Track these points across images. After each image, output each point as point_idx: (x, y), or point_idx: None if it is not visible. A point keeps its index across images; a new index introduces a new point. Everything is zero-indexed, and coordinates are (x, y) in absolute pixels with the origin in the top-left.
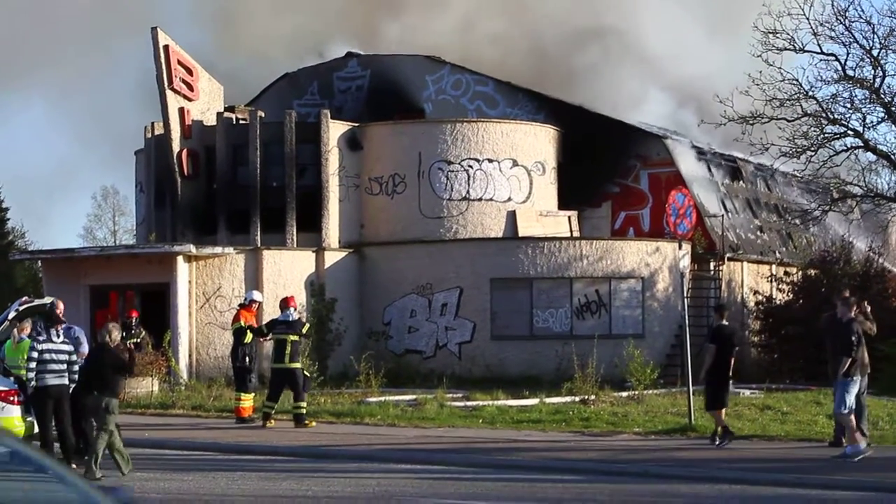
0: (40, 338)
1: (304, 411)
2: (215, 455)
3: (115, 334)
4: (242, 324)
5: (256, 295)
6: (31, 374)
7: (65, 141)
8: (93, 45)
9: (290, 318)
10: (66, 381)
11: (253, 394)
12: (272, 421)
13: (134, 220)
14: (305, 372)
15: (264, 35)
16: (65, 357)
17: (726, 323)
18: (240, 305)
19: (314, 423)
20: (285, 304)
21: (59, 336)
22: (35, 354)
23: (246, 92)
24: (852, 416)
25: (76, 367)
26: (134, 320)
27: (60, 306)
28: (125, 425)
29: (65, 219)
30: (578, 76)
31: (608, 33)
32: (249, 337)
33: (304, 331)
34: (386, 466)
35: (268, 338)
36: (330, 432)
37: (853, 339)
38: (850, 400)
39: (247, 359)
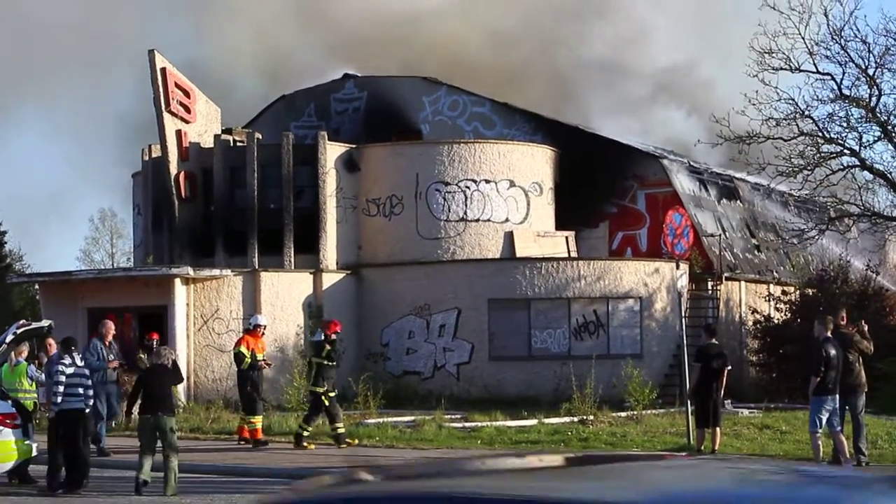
0: (66, 360)
1: (306, 433)
2: (212, 477)
3: (170, 357)
4: (242, 349)
5: (261, 319)
6: (59, 398)
7: (62, 164)
8: (91, 66)
9: (314, 339)
10: (84, 405)
11: (261, 416)
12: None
13: (131, 242)
14: (324, 399)
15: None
16: (84, 381)
17: (715, 342)
18: (245, 330)
19: (313, 446)
20: (323, 326)
21: (81, 359)
22: (63, 378)
23: (243, 114)
24: (819, 437)
25: (90, 390)
26: (155, 342)
27: (111, 328)
28: (121, 448)
29: (62, 242)
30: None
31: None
32: (246, 363)
33: (323, 354)
34: None
35: (269, 365)
36: (328, 454)
37: (821, 359)
38: (822, 419)
39: (248, 382)
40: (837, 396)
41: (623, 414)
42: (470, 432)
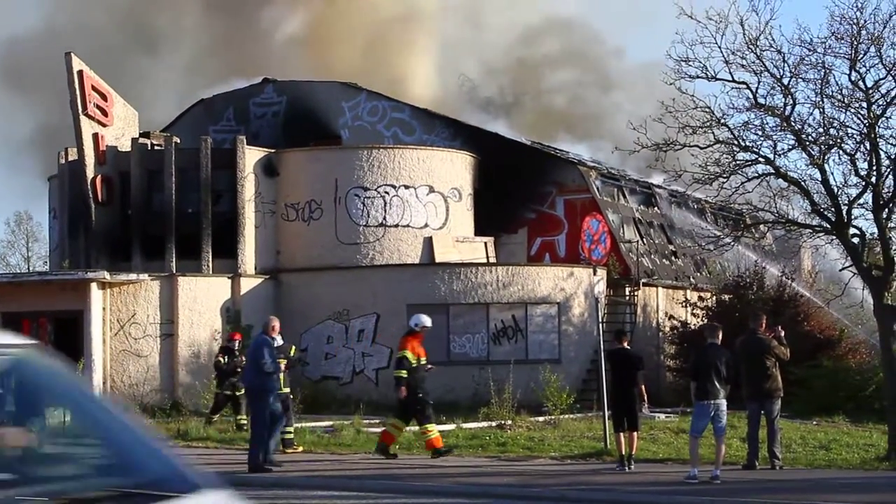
0: None
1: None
2: None
3: None
4: (408, 354)
5: (426, 319)
6: None
7: None
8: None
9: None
10: None
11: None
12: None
13: (48, 246)
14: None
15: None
16: None
17: (624, 347)
18: (409, 332)
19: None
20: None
21: None
22: None
23: (161, 118)
24: (697, 441)
25: None
26: (237, 343)
27: (277, 323)
28: None
29: None
30: None
31: None
32: (402, 373)
33: (290, 354)
34: (302, 493)
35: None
36: (245, 460)
37: (691, 366)
38: (702, 424)
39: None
40: (718, 402)
41: (541, 419)
42: None
